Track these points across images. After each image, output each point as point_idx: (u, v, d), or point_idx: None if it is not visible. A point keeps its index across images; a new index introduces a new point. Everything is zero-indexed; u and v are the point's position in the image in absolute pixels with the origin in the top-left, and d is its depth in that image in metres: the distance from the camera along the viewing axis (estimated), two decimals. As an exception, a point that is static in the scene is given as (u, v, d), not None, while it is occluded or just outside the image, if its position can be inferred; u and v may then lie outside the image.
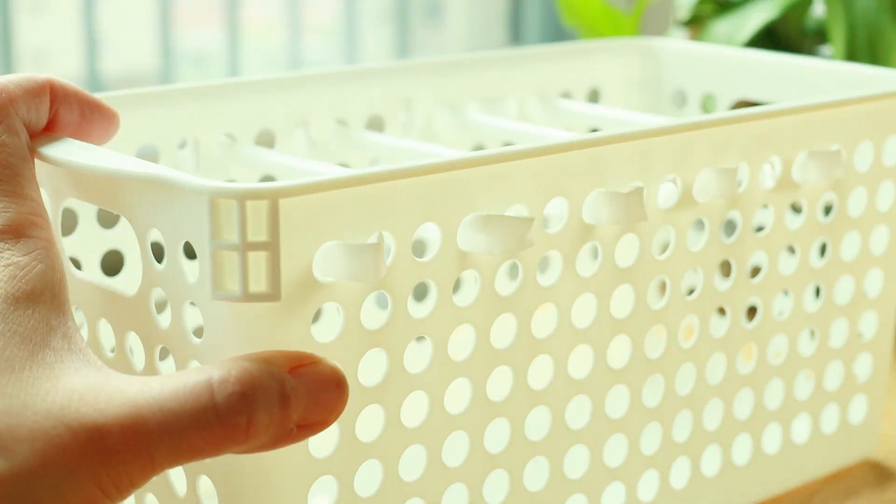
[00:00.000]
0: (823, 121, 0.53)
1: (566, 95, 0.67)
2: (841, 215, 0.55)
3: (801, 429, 0.58)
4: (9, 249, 0.39)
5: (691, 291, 0.51)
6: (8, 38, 1.17)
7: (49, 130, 0.44)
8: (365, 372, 0.42)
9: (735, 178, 0.50)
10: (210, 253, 0.38)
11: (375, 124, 0.61)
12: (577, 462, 0.49)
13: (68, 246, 0.54)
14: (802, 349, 0.56)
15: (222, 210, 0.38)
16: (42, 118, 0.43)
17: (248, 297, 0.38)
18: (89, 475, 0.36)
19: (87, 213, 0.54)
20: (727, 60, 0.66)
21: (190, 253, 0.40)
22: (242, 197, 0.38)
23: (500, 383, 0.46)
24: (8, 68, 1.16)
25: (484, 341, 0.45)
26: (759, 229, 0.53)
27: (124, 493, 0.36)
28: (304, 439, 0.39)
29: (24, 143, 0.42)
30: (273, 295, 0.39)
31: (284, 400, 0.38)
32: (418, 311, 0.43)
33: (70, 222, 0.53)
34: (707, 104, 0.67)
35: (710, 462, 0.55)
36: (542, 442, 0.48)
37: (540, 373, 0.47)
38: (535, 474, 0.48)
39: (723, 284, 0.52)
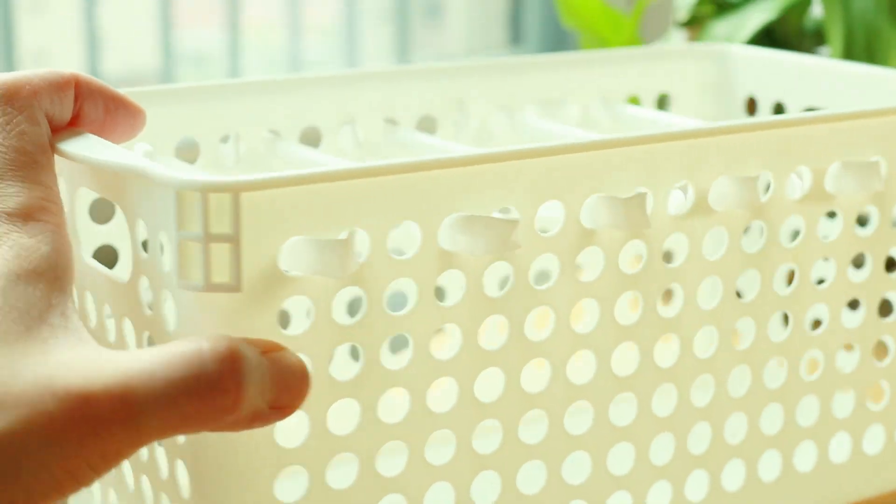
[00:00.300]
0: (860, 130, 0.51)
1: (634, 100, 0.66)
2: (882, 227, 0.53)
3: (839, 448, 0.56)
4: (17, 231, 0.41)
5: (711, 300, 0.50)
6: (9, 38, 1.21)
7: (73, 126, 0.46)
8: (341, 366, 0.43)
9: (755, 187, 0.49)
10: (176, 243, 0.40)
11: (427, 125, 0.61)
12: (575, 468, 0.49)
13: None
14: (841, 364, 0.55)
15: (187, 201, 0.39)
16: (66, 113, 0.45)
17: (211, 287, 0.40)
18: (75, 444, 0.36)
19: (80, 208, 0.55)
20: (801, 67, 0.64)
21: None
22: (206, 189, 0.39)
23: (489, 385, 0.46)
24: (9, 68, 1.19)
25: (470, 341, 0.45)
26: (795, 236, 0.52)
27: (110, 465, 0.37)
28: (273, 422, 0.40)
29: (44, 133, 0.44)
30: (235, 286, 0.40)
31: (263, 377, 0.39)
32: (397, 309, 0.43)
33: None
34: (778, 112, 0.65)
35: (733, 477, 0.53)
36: (537, 446, 0.48)
37: (534, 377, 0.47)
38: (528, 478, 0.48)
39: (749, 294, 0.51)
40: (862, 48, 0.67)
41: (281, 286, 0.41)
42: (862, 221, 0.53)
